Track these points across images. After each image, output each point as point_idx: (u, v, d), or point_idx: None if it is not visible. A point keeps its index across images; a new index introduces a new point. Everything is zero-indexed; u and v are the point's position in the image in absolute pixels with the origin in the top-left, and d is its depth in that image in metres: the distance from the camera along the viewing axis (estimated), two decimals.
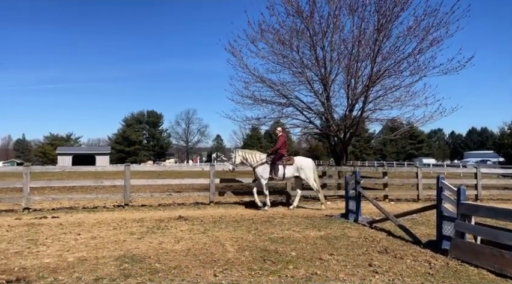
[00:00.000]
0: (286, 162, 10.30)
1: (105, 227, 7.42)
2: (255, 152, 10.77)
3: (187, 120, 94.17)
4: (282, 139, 10.45)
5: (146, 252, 5.44)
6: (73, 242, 6.07)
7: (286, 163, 10.29)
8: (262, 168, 10.24)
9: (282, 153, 10.31)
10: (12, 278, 4.13)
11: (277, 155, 10.28)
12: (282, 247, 5.75)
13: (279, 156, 10.27)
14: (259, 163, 10.26)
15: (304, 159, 10.93)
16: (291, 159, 10.49)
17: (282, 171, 10.22)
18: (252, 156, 10.42)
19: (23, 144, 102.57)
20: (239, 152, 10.55)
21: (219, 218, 8.64)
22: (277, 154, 10.28)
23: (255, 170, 10.32)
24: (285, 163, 10.26)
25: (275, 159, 10.24)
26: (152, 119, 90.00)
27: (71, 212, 9.52)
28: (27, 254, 5.27)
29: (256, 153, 10.70)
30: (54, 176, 22.78)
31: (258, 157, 10.38)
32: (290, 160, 10.44)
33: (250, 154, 10.54)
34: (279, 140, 10.48)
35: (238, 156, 10.42)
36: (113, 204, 11.05)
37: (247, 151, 10.81)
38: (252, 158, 10.38)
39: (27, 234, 6.62)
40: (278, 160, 10.23)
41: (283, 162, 10.25)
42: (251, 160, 10.36)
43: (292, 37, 12.94)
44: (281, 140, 10.41)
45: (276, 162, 10.21)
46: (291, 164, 10.37)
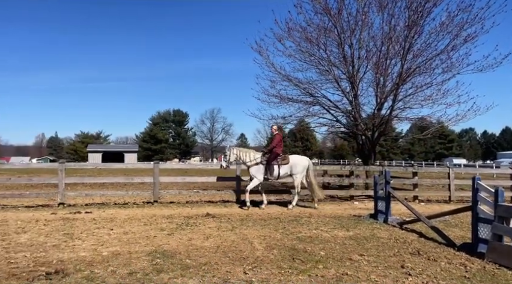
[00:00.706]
0: (281, 161, 10.15)
1: (136, 222, 7.61)
2: (250, 151, 10.66)
3: (211, 118, 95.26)
4: (278, 137, 10.31)
5: (176, 248, 5.54)
6: (106, 236, 6.27)
7: (281, 162, 10.14)
8: (256, 168, 10.12)
9: (278, 152, 10.15)
10: (52, 271, 4.30)
11: (273, 154, 10.12)
12: (310, 246, 5.72)
13: (274, 156, 10.11)
14: (254, 162, 10.14)
15: (299, 158, 10.75)
16: (286, 158, 10.30)
17: (277, 171, 10.10)
18: (247, 155, 10.30)
19: (55, 141, 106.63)
20: (234, 150, 10.45)
21: (245, 216, 8.69)
22: (273, 153, 10.12)
23: (249, 169, 10.21)
24: (280, 163, 10.11)
25: (270, 159, 10.09)
26: (178, 118, 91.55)
27: (103, 208, 9.82)
28: (64, 248, 5.48)
29: (251, 152, 10.58)
30: (85, 173, 23.57)
31: (252, 157, 10.25)
32: (285, 159, 10.26)
33: (245, 153, 10.42)
34: (275, 139, 10.34)
35: (232, 154, 10.33)
36: (143, 200, 11.31)
37: (242, 149, 10.67)
38: (246, 157, 10.27)
39: (63, 229, 6.89)
40: (273, 160, 10.08)
41: (278, 162, 10.11)
42: (245, 160, 10.25)
43: (319, 34, 12.82)
44: (277, 139, 10.26)
45: (271, 161, 10.06)
46: (286, 163, 10.21)
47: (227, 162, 10.34)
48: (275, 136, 10.43)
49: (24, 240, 5.89)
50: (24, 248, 5.42)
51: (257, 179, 10.09)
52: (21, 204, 10.37)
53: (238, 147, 10.78)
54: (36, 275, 4.16)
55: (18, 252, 5.17)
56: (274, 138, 10.37)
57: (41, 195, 10.89)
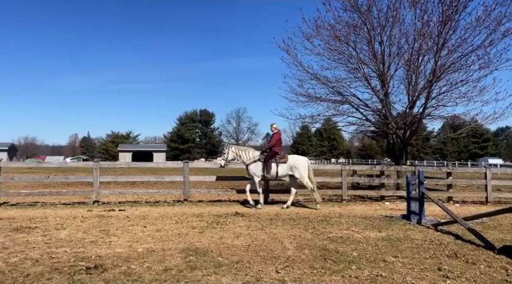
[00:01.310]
0: (279, 160, 10.06)
1: (168, 220, 7.78)
2: (249, 149, 10.61)
3: (237, 118, 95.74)
4: (276, 136, 10.22)
5: (208, 246, 5.61)
6: (140, 234, 6.44)
7: (280, 161, 10.05)
8: (254, 166, 10.05)
9: (276, 150, 10.07)
10: (91, 265, 4.47)
11: (271, 153, 10.04)
12: (342, 247, 5.65)
13: (272, 154, 10.03)
14: (252, 160, 10.08)
15: (298, 157, 10.62)
16: (285, 157, 10.20)
17: (275, 170, 10.00)
18: (246, 153, 10.27)
19: (88, 141, 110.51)
20: (232, 148, 10.38)
21: (274, 215, 8.69)
22: (271, 152, 10.04)
23: (248, 168, 10.16)
24: (278, 162, 10.03)
25: (268, 157, 10.01)
26: (204, 118, 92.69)
27: (135, 206, 10.09)
28: (101, 244, 5.67)
29: (249, 150, 10.53)
30: (117, 172, 24.32)
31: (251, 155, 10.21)
32: (284, 158, 10.15)
33: (243, 151, 10.37)
34: (273, 137, 10.25)
35: (231, 152, 10.27)
36: (173, 199, 11.55)
37: (240, 147, 10.61)
38: (245, 155, 10.23)
39: (99, 225, 7.13)
40: (271, 158, 10.00)
41: (276, 160, 10.03)
42: (244, 157, 10.20)
43: (348, 32, 12.63)
44: (275, 137, 10.19)
45: (269, 160, 9.98)
46: (285, 162, 10.10)
47: (225, 160, 10.29)
48: (274, 134, 10.33)
49: (64, 236, 6.14)
50: (64, 243, 5.66)
51: (256, 176, 10.06)
52: (59, 201, 10.82)
53: (237, 146, 10.71)
54: (76, 269, 4.33)
55: (59, 247, 5.40)
56: (273, 136, 10.30)
57: (77, 193, 11.33)
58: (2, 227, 6.82)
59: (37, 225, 7.00)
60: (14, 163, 28.47)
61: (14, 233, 6.29)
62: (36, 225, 7.00)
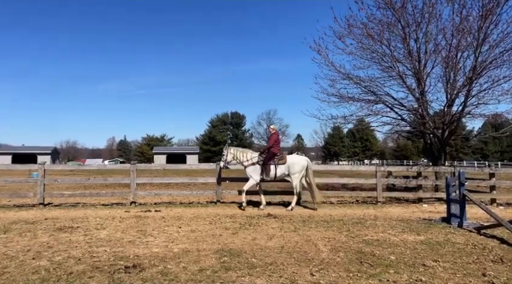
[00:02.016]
0: (278, 161, 9.93)
1: (202, 221, 7.89)
2: (247, 151, 10.50)
3: (268, 120, 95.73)
4: (274, 137, 10.12)
5: (242, 247, 5.64)
6: (175, 234, 6.57)
7: (278, 162, 9.92)
8: (252, 168, 10.00)
9: (275, 151, 9.96)
10: (130, 265, 4.61)
11: (269, 154, 9.93)
12: (378, 250, 5.50)
13: (270, 155, 9.91)
14: (250, 163, 10.02)
15: (297, 157, 10.48)
16: (284, 158, 10.05)
17: (273, 171, 9.90)
18: (244, 155, 10.18)
19: (124, 144, 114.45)
20: (231, 150, 10.33)
21: (307, 217, 8.60)
22: (269, 153, 9.94)
23: (246, 170, 10.10)
24: (276, 163, 9.90)
25: (267, 159, 9.91)
26: (235, 120, 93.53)
27: (170, 207, 10.32)
28: (138, 244, 5.84)
29: (248, 151, 10.42)
30: (152, 173, 24.99)
31: (249, 156, 10.12)
32: (283, 159, 10.01)
33: (241, 153, 10.29)
34: (271, 138, 10.15)
35: (229, 154, 10.23)
36: (206, 200, 11.72)
37: (239, 149, 10.50)
38: (243, 157, 10.15)
39: (136, 226, 7.35)
40: (270, 160, 9.89)
41: (275, 162, 9.90)
42: (242, 160, 10.14)
43: (382, 30, 12.29)
44: (273, 138, 10.08)
45: (267, 161, 9.88)
46: (283, 163, 9.96)
47: (224, 161, 10.25)
48: (272, 135, 10.24)
49: (104, 236, 6.37)
50: (104, 243, 5.87)
51: (253, 179, 9.98)
52: (99, 202, 11.26)
53: (236, 147, 10.69)
54: (116, 268, 4.48)
55: (99, 246, 5.61)
56: (271, 137, 10.21)
57: (116, 194, 11.74)
58: (47, 226, 7.19)
59: (79, 225, 7.32)
60: (57, 165, 29.95)
61: (57, 233, 6.60)
62: (78, 225, 7.32)
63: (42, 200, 10.29)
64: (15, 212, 9.25)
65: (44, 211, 9.49)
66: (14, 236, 6.32)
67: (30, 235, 6.38)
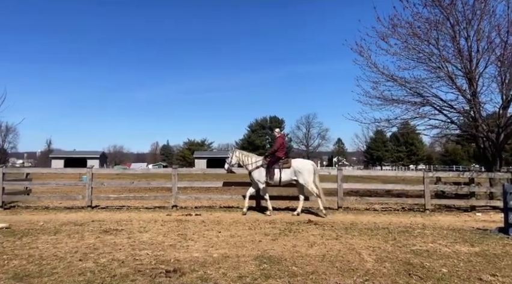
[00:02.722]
0: (282, 165, 9.70)
1: (241, 226, 7.84)
2: (252, 155, 10.30)
3: (307, 124, 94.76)
4: (280, 140, 9.94)
5: (282, 254, 5.50)
6: (215, 239, 6.56)
7: (283, 166, 9.70)
8: (258, 172, 9.80)
9: (279, 155, 9.78)
10: (170, 269, 4.62)
11: (274, 158, 9.74)
12: (428, 262, 5.14)
13: (275, 159, 9.72)
14: (255, 167, 9.83)
15: (302, 161, 10.17)
16: (288, 162, 9.80)
17: (278, 175, 9.67)
18: (248, 159, 10.02)
19: (167, 149, 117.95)
20: (236, 153, 10.21)
21: (350, 224, 8.29)
22: (274, 157, 9.76)
23: (251, 174, 9.89)
24: (281, 167, 9.68)
25: (271, 162, 9.70)
26: (274, 124, 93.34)
27: (210, 211, 10.39)
28: (179, 248, 5.88)
29: (252, 155, 10.23)
30: (193, 177, 25.52)
31: (253, 160, 9.95)
32: (287, 163, 9.77)
33: (246, 156, 10.12)
34: (276, 142, 9.97)
35: (234, 157, 10.10)
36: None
37: (244, 153, 10.32)
38: (247, 161, 9.99)
39: (177, 229, 7.44)
40: (274, 164, 9.69)
41: (279, 166, 9.68)
42: (247, 163, 9.98)
43: (429, 29, 11.67)
44: (279, 142, 9.90)
45: (272, 165, 9.67)
46: (288, 167, 9.71)
47: (229, 164, 10.14)
48: (277, 139, 10.07)
49: (146, 239, 6.49)
50: (146, 246, 5.97)
51: (260, 183, 9.83)
52: (142, 205, 11.58)
53: (241, 150, 10.55)
54: (157, 272, 4.51)
55: (142, 249, 5.70)
56: (276, 141, 10.03)
57: (158, 197, 12.05)
58: (94, 228, 7.46)
59: (123, 228, 7.53)
60: (104, 169, 31.38)
61: (103, 235, 6.82)
62: (122, 228, 7.53)
63: (90, 203, 10.75)
64: (66, 214, 9.72)
65: (92, 213, 9.90)
66: (63, 237, 6.60)
67: (78, 237, 6.63)
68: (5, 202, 10.78)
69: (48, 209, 10.75)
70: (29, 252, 5.47)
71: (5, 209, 10.55)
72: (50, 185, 15.04)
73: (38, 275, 4.34)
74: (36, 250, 5.63)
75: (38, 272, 4.46)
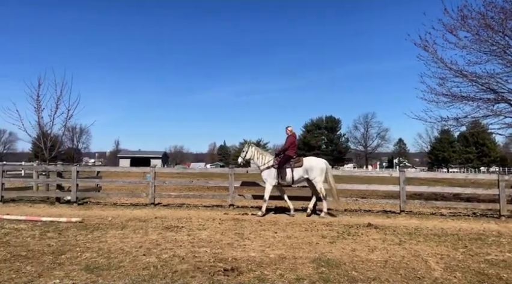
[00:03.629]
0: (294, 164, 9.42)
1: (297, 227, 7.74)
2: (266, 153, 10.01)
3: (365, 124, 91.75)
4: (291, 139, 9.65)
5: (340, 258, 5.32)
6: (271, 239, 6.53)
7: (295, 165, 9.41)
8: (268, 172, 9.59)
9: (290, 154, 9.52)
10: (228, 267, 4.68)
11: (285, 157, 9.48)
12: (506, 273, 4.66)
13: (286, 158, 9.46)
14: (266, 166, 9.62)
15: (314, 159, 9.79)
16: (300, 161, 9.51)
17: (290, 175, 9.37)
18: (262, 157, 9.80)
19: (224, 149, 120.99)
20: (252, 148, 9.93)
21: (414, 229, 7.80)
22: (285, 156, 9.51)
23: (261, 174, 9.72)
24: (293, 166, 9.39)
25: (282, 162, 9.43)
26: (330, 124, 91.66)
27: (267, 210, 10.38)
28: (236, 246, 5.94)
29: (266, 154, 9.95)
30: (248, 177, 25.81)
31: (266, 160, 9.72)
32: (299, 161, 9.48)
33: (261, 154, 9.87)
34: (287, 140, 9.72)
35: (250, 152, 9.90)
36: (301, 205, 11.53)
37: (259, 150, 10.01)
38: (261, 159, 9.78)
39: (234, 228, 7.54)
40: (286, 163, 9.42)
41: (291, 165, 9.39)
42: (259, 161, 9.79)
43: (504, 19, 10.57)
44: (290, 140, 9.63)
45: (283, 165, 9.40)
46: (300, 166, 9.42)
47: (242, 158, 9.96)
48: (288, 137, 9.76)
49: (205, 237, 6.65)
50: (205, 243, 6.12)
51: (269, 183, 9.58)
52: (201, 204, 11.92)
53: (257, 147, 10.16)
54: (215, 270, 4.58)
55: (201, 247, 5.85)
56: (288, 139, 9.72)
57: (216, 196, 12.33)
58: (156, 225, 7.82)
59: (183, 225, 7.80)
60: (166, 168, 32.97)
61: (165, 231, 7.11)
62: (182, 225, 7.80)
63: (153, 200, 11.30)
64: (131, 210, 10.32)
65: (155, 210, 10.40)
66: (129, 232, 7.00)
67: (142, 232, 6.99)
68: (78, 198, 11.72)
69: (116, 205, 11.50)
70: (98, 245, 5.86)
71: (78, 204, 11.47)
72: (118, 183, 16.10)
73: (107, 268, 4.63)
74: (105, 243, 6.02)
75: (107, 265, 4.76)
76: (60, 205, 11.40)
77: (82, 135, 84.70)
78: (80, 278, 4.20)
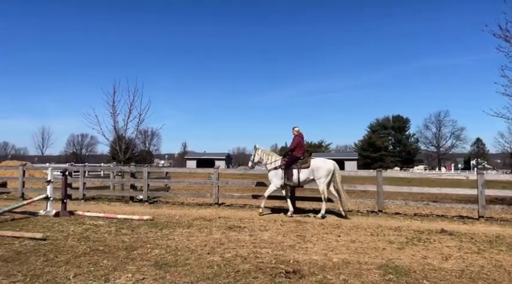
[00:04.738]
0: (301, 165, 9.40)
1: (362, 231, 7.44)
2: (273, 154, 10.18)
3: (437, 123, 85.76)
4: (297, 139, 9.65)
5: (410, 265, 5.00)
6: (334, 243, 6.36)
7: (301, 166, 9.39)
8: (274, 173, 9.70)
9: (297, 155, 9.53)
10: (290, 270, 4.64)
11: (291, 158, 9.53)
12: None
13: (292, 159, 9.50)
14: (273, 166, 9.74)
15: (321, 160, 9.68)
16: (307, 162, 9.46)
17: (296, 176, 9.40)
18: (269, 158, 9.97)
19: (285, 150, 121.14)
20: (258, 151, 10.16)
21: (495, 237, 7.08)
22: (291, 156, 9.54)
23: (268, 174, 9.87)
24: (299, 167, 9.38)
25: (288, 163, 9.49)
26: (398, 124, 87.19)
27: (328, 213, 10.13)
28: (298, 249, 5.87)
29: (273, 155, 10.11)
30: None
31: (273, 159, 9.87)
32: (306, 163, 9.45)
33: (267, 155, 10.05)
34: (293, 141, 9.74)
35: (257, 155, 10.14)
36: (366, 209, 11.10)
37: (266, 151, 10.21)
38: (267, 160, 9.95)
39: (296, 230, 7.47)
40: (292, 164, 9.46)
41: (297, 166, 9.39)
42: (266, 163, 9.96)
43: None
44: (296, 141, 9.64)
45: (290, 166, 9.45)
46: (307, 167, 9.37)
47: (252, 162, 10.29)
48: (294, 138, 9.77)
49: (266, 238, 6.68)
50: (266, 244, 6.14)
51: (273, 184, 9.67)
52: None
53: (264, 149, 10.29)
54: (277, 272, 4.57)
55: (263, 248, 5.88)
56: (293, 140, 9.76)
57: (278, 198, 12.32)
58: (220, 224, 8.03)
59: (245, 226, 7.91)
60: (229, 169, 33.82)
61: (228, 231, 7.28)
62: (245, 225, 7.92)
63: (217, 200, 11.65)
64: (197, 210, 10.73)
65: (218, 210, 10.71)
66: (195, 231, 7.27)
67: (206, 231, 7.23)
68: (149, 197, 12.49)
69: (183, 205, 12.06)
70: (167, 243, 6.17)
71: (149, 203, 12.22)
72: (184, 183, 16.90)
73: (174, 265, 4.84)
74: (173, 241, 6.32)
75: (174, 262, 4.98)
76: (133, 203, 12.25)
77: (153, 137, 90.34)
78: (150, 274, 4.45)
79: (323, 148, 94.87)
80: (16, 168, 15.52)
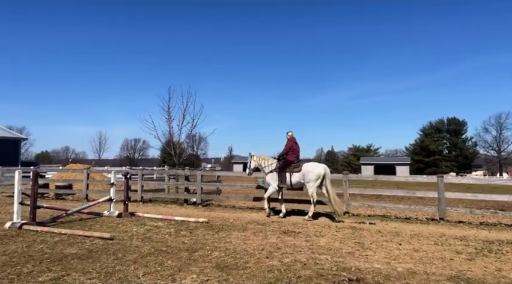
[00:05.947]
0: (293, 169, 9.75)
1: (424, 240, 7.08)
2: (269, 158, 10.48)
3: (498, 125, 79.72)
4: (289, 144, 9.94)
5: (483, 277, 4.67)
6: (396, 251, 6.10)
7: (294, 170, 9.73)
8: (270, 176, 10.11)
9: (290, 159, 9.84)
10: (353, 277, 4.51)
11: (284, 162, 9.87)
12: None
13: (286, 163, 9.84)
14: (269, 170, 10.14)
15: (313, 165, 9.97)
16: (299, 166, 9.77)
17: (288, 179, 9.75)
18: (265, 162, 10.34)
19: (332, 154, 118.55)
20: (254, 157, 10.51)
21: None
22: (285, 160, 9.88)
23: (266, 177, 10.30)
24: (292, 171, 9.73)
25: (282, 167, 9.86)
26: (453, 127, 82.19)
27: (385, 220, 9.80)
28: (358, 256, 5.71)
29: (269, 159, 10.42)
30: (360, 184, 24.72)
31: (269, 163, 10.25)
32: (298, 167, 9.76)
33: (263, 159, 10.40)
34: (286, 145, 10.01)
35: (253, 161, 10.53)
36: (425, 216, 10.57)
37: (261, 156, 10.52)
38: (264, 164, 10.32)
39: (353, 237, 7.27)
40: (285, 168, 9.80)
41: (290, 169, 9.73)
42: (264, 167, 10.32)
43: None
44: (288, 145, 9.93)
45: (283, 169, 9.81)
46: (298, 171, 9.69)
47: (249, 169, 10.64)
48: (287, 142, 10.05)
49: (323, 244, 6.57)
50: (324, 251, 6.03)
51: (272, 186, 10.02)
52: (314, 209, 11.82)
53: (259, 154, 10.61)
54: (340, 279, 4.47)
55: (321, 254, 5.79)
56: (286, 144, 10.04)
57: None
58: (274, 229, 8.03)
59: (300, 231, 7.84)
60: None
61: (283, 236, 7.25)
62: (299, 230, 7.85)
63: None
64: (249, 213, 10.82)
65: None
66: (250, 234, 7.33)
67: (262, 235, 7.25)
68: (203, 200, 12.80)
69: (234, 208, 12.22)
70: (225, 245, 6.28)
71: (203, 206, 12.53)
72: (235, 187, 17.10)
73: (235, 268, 4.91)
74: (230, 244, 6.42)
75: (234, 265, 5.05)
76: (187, 206, 12.63)
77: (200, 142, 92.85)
78: (213, 276, 4.54)
79: (371, 153, 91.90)
80: (80, 171, 16.62)
